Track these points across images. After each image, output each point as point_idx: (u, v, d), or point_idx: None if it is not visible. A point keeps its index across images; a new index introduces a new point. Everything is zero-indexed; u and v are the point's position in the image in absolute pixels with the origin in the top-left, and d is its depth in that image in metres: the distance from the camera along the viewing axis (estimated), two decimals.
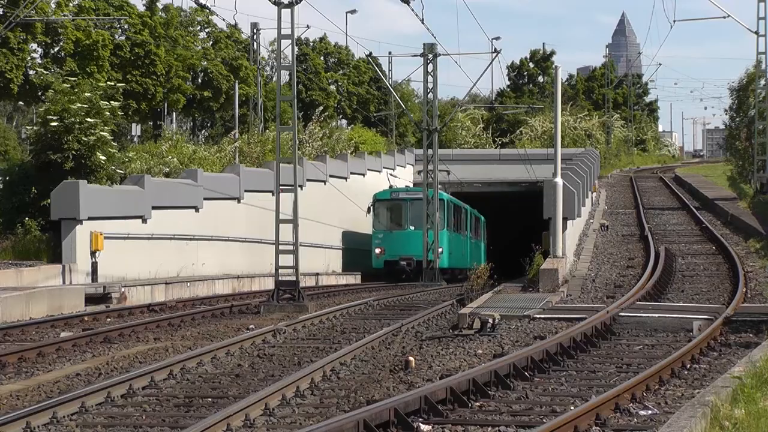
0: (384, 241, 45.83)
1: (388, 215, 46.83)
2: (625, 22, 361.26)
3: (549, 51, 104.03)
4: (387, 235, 45.90)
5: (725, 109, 66.77)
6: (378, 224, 46.56)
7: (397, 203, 46.83)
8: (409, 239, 45.21)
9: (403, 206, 46.47)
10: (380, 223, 46.58)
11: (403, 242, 45.47)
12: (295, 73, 29.25)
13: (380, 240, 46.01)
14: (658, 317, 19.88)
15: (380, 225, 46.48)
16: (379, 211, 46.86)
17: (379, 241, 46.05)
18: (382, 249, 45.72)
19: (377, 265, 45.83)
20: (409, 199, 46.28)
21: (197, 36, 66.36)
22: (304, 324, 21.29)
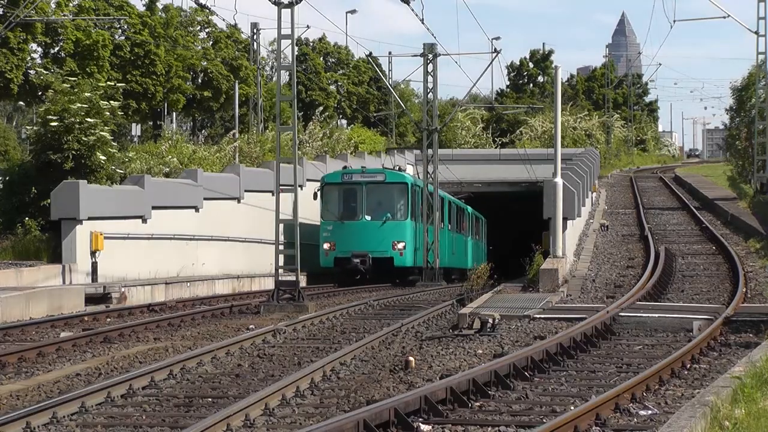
0: (334, 234, 38.75)
1: (340, 202, 39.64)
2: (625, 22, 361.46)
3: (548, 51, 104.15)
4: (337, 227, 38.79)
5: (725, 109, 66.89)
6: (327, 213, 39.27)
7: (351, 188, 39.45)
8: (363, 232, 38.48)
9: (357, 191, 39.13)
10: (329, 212, 39.29)
11: (356, 235, 38.45)
12: (295, 73, 29.24)
13: (329, 233, 38.83)
14: (658, 317, 19.88)
15: (329, 214, 39.18)
16: (329, 197, 39.52)
17: (328, 234, 38.80)
18: (332, 244, 38.53)
19: (326, 263, 38.72)
20: (365, 183, 39.03)
21: (197, 36, 66.33)
22: (304, 324, 21.29)
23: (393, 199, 39.01)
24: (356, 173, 40.28)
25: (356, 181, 39.32)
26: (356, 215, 39.03)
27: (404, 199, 39.21)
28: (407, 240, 38.85)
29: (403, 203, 39.18)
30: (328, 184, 39.60)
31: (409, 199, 39.24)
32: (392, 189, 39.03)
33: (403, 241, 38.58)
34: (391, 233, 38.72)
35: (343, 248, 38.29)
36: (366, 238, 38.33)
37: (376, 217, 38.81)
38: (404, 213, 39.19)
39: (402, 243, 38.53)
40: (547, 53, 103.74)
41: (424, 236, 41.02)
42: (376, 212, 38.90)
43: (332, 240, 38.63)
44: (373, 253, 37.87)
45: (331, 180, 40.02)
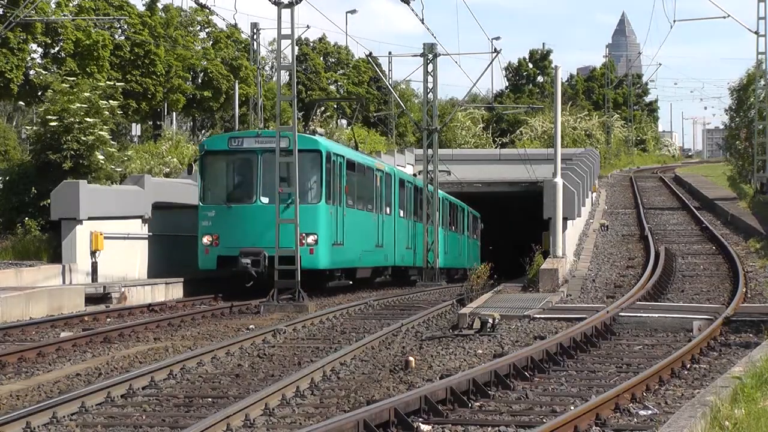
0: (217, 224, 28.67)
1: (225, 178, 29.80)
2: (625, 22, 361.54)
3: (547, 50, 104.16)
4: (222, 214, 28.70)
5: (725, 109, 66.84)
6: (208, 194, 29.27)
7: (241, 158, 29.29)
8: (258, 220, 28.26)
9: (250, 163, 29.03)
10: (211, 192, 29.28)
11: (247, 225, 28.46)
12: (295, 73, 29.24)
13: (210, 222, 28.76)
14: (658, 317, 19.89)
15: (211, 195, 29.22)
16: (211, 170, 29.58)
17: (209, 224, 28.73)
18: (214, 237, 28.62)
19: (206, 264, 28.82)
20: (262, 151, 28.58)
21: (197, 36, 66.36)
22: (304, 324, 21.30)
23: (302, 173, 27.61)
24: (249, 137, 29.54)
25: (249, 148, 28.91)
26: (248, 197, 28.94)
27: (317, 174, 28.68)
28: (320, 231, 28.59)
29: (315, 179, 28.71)
30: (209, 153, 29.51)
31: (323, 172, 28.70)
32: (301, 159, 27.26)
33: (315, 234, 28.35)
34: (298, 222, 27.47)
35: (230, 243, 28.35)
36: (261, 228, 28.01)
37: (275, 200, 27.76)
38: (317, 193, 28.70)
39: (313, 236, 28.32)
40: (546, 53, 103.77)
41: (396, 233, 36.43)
42: None
43: (215, 232, 28.65)
44: (270, 251, 27.13)
45: (214, 146, 29.92)
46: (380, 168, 35.42)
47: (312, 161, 28.60)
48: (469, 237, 53.95)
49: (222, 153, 29.43)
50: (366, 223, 33.07)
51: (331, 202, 29.32)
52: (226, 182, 29.78)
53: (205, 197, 29.25)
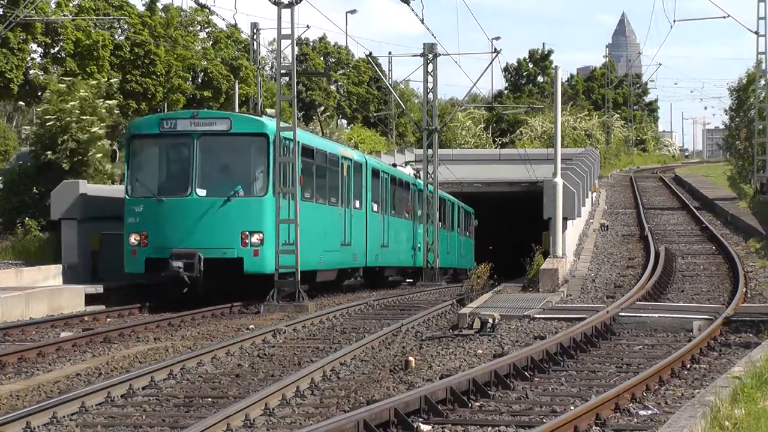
0: (145, 220, 25.21)
1: (155, 166, 26.35)
2: (625, 22, 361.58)
3: (547, 51, 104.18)
4: (151, 209, 25.17)
5: (725, 109, 66.87)
6: (136, 185, 25.66)
7: (174, 142, 25.87)
8: (193, 216, 24.94)
9: (184, 148, 25.47)
10: (140, 183, 25.64)
11: (181, 222, 25.00)
12: (295, 73, 29.23)
13: (137, 218, 25.30)
14: (658, 317, 19.89)
15: (140, 187, 25.58)
16: (139, 157, 26.08)
17: (136, 220, 25.31)
18: (142, 236, 25.12)
19: (133, 267, 25.33)
20: (197, 134, 25.18)
21: (197, 36, 66.36)
22: (304, 324, 21.30)
23: (245, 160, 25.57)
24: (183, 118, 25.88)
25: (183, 131, 25.32)
26: (182, 188, 25.24)
27: (263, 162, 25.25)
28: (267, 229, 25.15)
29: (262, 169, 25.32)
30: (137, 137, 25.93)
31: (271, 160, 25.15)
32: (243, 145, 25.29)
33: (260, 232, 24.99)
34: (239, 219, 24.88)
35: (160, 243, 24.81)
36: (197, 226, 24.84)
37: (215, 191, 25.05)
38: (264, 184, 25.31)
39: (258, 235, 24.97)
40: (546, 53, 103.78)
41: None
42: (217, 183, 25.34)
43: (143, 230, 25.11)
44: (207, 252, 24.46)
45: (142, 129, 26.15)
46: (347, 156, 31.44)
47: (257, 147, 25.36)
48: (460, 234, 51.73)
49: (152, 137, 25.80)
50: (328, 219, 29.36)
51: (282, 194, 25.68)
52: (157, 171, 26.18)
53: (133, 189, 25.59)
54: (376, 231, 34.58)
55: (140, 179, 25.72)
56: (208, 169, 25.37)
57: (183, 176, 25.49)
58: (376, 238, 34.54)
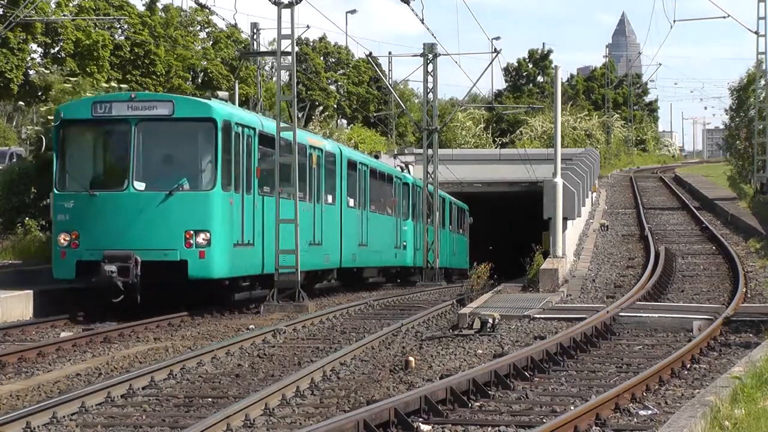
0: (75, 218, 22.45)
1: (87, 157, 23.46)
2: (625, 22, 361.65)
3: (547, 51, 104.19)
4: (83, 205, 22.46)
5: (725, 109, 66.88)
6: (66, 178, 22.96)
7: (110, 129, 23.04)
8: (130, 213, 22.13)
9: (121, 136, 22.63)
10: (69, 175, 22.92)
11: (116, 219, 22.14)
12: (294, 73, 29.22)
13: (67, 215, 22.52)
14: (658, 317, 19.89)
15: (69, 180, 22.88)
16: (68, 146, 23.16)
17: (66, 218, 22.52)
18: (72, 235, 22.33)
19: (62, 272, 22.54)
20: (136, 120, 22.42)
21: (197, 36, 66.38)
22: (304, 324, 21.29)
23: (190, 150, 22.78)
24: (119, 101, 22.99)
25: (120, 116, 22.50)
26: (118, 181, 22.47)
27: (211, 151, 22.41)
28: (215, 228, 22.25)
29: (209, 159, 22.44)
30: (67, 123, 22.95)
31: (218, 149, 22.33)
32: (188, 131, 22.61)
33: (207, 231, 22.05)
34: (183, 216, 22.04)
35: (92, 244, 22.03)
36: (134, 224, 22.05)
37: (156, 184, 22.26)
38: (211, 177, 22.39)
39: (204, 234, 22.03)
40: (546, 53, 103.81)
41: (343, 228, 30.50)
42: (158, 176, 22.54)
43: (73, 228, 22.36)
44: (145, 254, 21.72)
45: (73, 114, 23.12)
46: (317, 145, 28.77)
47: (203, 134, 22.49)
48: (452, 232, 49.56)
49: (83, 123, 23.01)
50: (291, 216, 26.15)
51: (233, 188, 22.79)
52: (89, 162, 23.38)
53: (62, 182, 22.85)
54: (353, 228, 32.04)
55: (70, 171, 22.87)
56: (147, 159, 22.51)
57: (119, 167, 22.73)
58: (353, 236, 32.10)
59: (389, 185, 37.47)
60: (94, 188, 22.58)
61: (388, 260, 37.20)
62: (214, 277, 22.58)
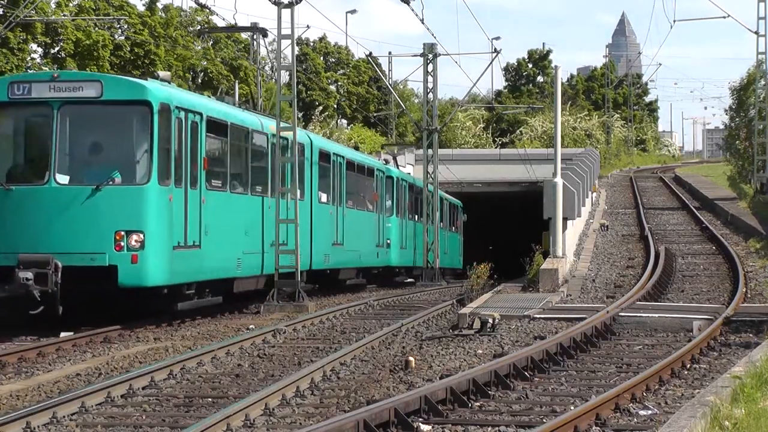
0: None
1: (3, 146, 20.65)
2: (625, 22, 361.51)
3: (546, 50, 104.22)
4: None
5: (725, 109, 66.87)
6: None
7: (29, 113, 20.27)
8: (49, 210, 19.32)
9: (42, 121, 19.91)
10: None
11: (32, 218, 19.32)
12: (294, 73, 29.22)
13: None
14: (658, 317, 19.89)
15: None
16: None
17: None
18: None
19: None
20: (59, 103, 19.61)
21: (197, 36, 66.40)
22: (304, 324, 21.30)
23: (122, 137, 20.03)
24: (40, 80, 20.23)
25: (40, 98, 19.71)
26: (37, 174, 19.71)
27: (146, 138, 19.46)
28: (150, 227, 19.38)
29: (144, 148, 19.47)
30: None
31: (155, 136, 19.43)
32: (120, 116, 19.86)
33: (140, 232, 19.20)
34: (113, 214, 19.31)
35: (5, 247, 19.26)
36: (55, 224, 19.26)
37: (81, 177, 19.61)
38: (146, 169, 19.44)
39: (137, 235, 19.18)
40: (545, 53, 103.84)
41: None
42: (84, 168, 19.77)
43: None
44: (67, 259, 18.88)
45: None
46: (281, 134, 25.98)
47: (137, 119, 19.60)
48: (444, 229, 47.00)
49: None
50: (249, 213, 24.05)
51: (172, 182, 19.89)
52: (6, 151, 20.59)
53: None
54: (326, 226, 29.45)
55: None
56: (72, 148, 19.62)
57: (39, 158, 19.87)
58: (326, 234, 29.39)
59: (370, 179, 35.00)
60: (9, 182, 19.60)
61: (369, 260, 34.76)
62: (149, 284, 19.50)
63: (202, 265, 21.35)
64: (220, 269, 22.50)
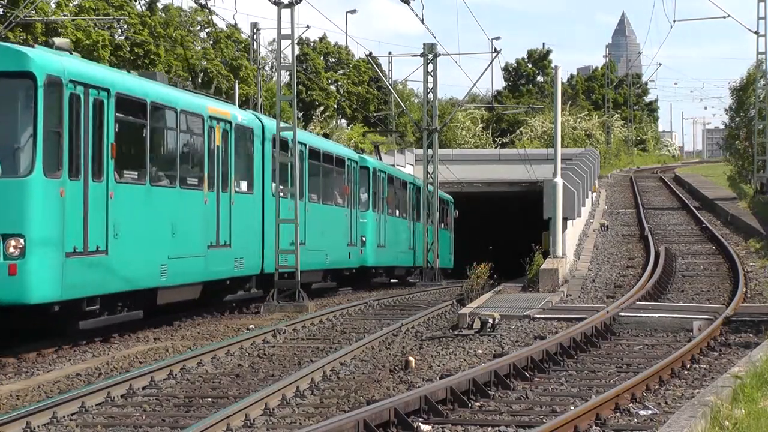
0: None
1: None
2: (625, 22, 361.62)
3: (546, 50, 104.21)
4: None
5: (725, 109, 66.89)
6: None
7: None
8: None
9: None
10: None
11: None
12: (294, 73, 29.22)
13: None
14: (658, 317, 19.89)
15: None
16: None
17: None
18: None
19: None
20: None
21: (197, 36, 66.41)
22: (304, 324, 21.30)
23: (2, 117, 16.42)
24: None
25: None
26: None
27: (29, 119, 16.14)
28: (32, 230, 16.01)
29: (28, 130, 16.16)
30: None
31: (40, 116, 16.11)
32: None
33: (20, 236, 15.92)
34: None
35: None
36: None
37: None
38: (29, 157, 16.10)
39: (15, 240, 15.90)
40: (545, 53, 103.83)
41: None
42: None
43: None
44: None
45: None
46: (220, 115, 22.62)
47: (18, 96, 16.26)
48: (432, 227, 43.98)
49: None
50: (178, 210, 20.48)
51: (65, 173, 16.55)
52: None
53: None
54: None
55: None
56: None
57: None
58: (282, 232, 26.05)
59: (340, 170, 31.53)
60: None
61: (339, 261, 31.65)
62: (33, 302, 16.05)
63: (109, 274, 17.78)
64: (137, 278, 18.88)
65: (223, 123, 22.64)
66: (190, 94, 21.94)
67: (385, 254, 36.36)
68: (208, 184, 21.88)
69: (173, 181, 20.38)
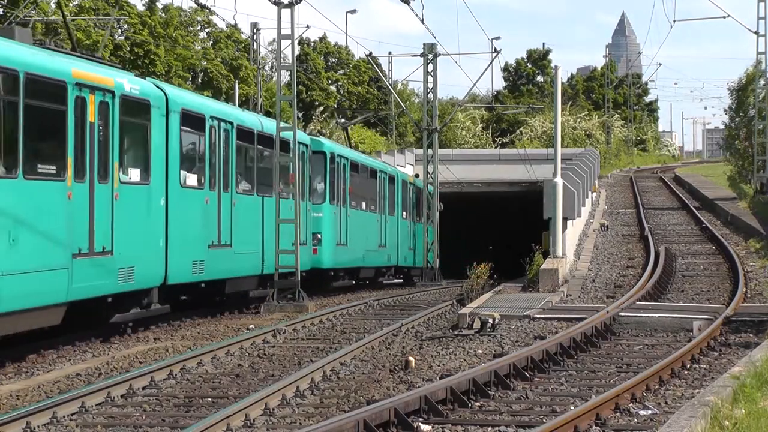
0: None
1: None
2: (625, 22, 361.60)
3: (546, 50, 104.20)
4: None
5: (725, 109, 66.89)
6: None
7: None
8: None
9: None
10: None
11: None
12: (295, 73, 29.22)
13: None
14: (658, 317, 19.89)
15: None
16: None
17: None
18: None
19: None
20: None
21: (197, 36, 66.43)
22: (304, 324, 21.30)
23: None
24: None
25: None
26: None
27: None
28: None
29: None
30: None
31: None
32: None
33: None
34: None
35: None
36: None
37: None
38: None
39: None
40: (545, 53, 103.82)
41: None
42: None
43: None
44: None
45: None
46: (95, 83, 17.64)
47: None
48: (408, 220, 40.42)
49: None
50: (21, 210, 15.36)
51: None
52: None
53: None
54: (196, 221, 21.43)
55: None
56: None
57: None
58: (196, 233, 21.46)
59: (284, 155, 26.13)
60: None
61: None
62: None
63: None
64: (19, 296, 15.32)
65: (100, 93, 17.62)
66: (47, 53, 16.69)
67: (347, 254, 31.01)
68: (75, 173, 16.71)
69: (12, 171, 15.09)
